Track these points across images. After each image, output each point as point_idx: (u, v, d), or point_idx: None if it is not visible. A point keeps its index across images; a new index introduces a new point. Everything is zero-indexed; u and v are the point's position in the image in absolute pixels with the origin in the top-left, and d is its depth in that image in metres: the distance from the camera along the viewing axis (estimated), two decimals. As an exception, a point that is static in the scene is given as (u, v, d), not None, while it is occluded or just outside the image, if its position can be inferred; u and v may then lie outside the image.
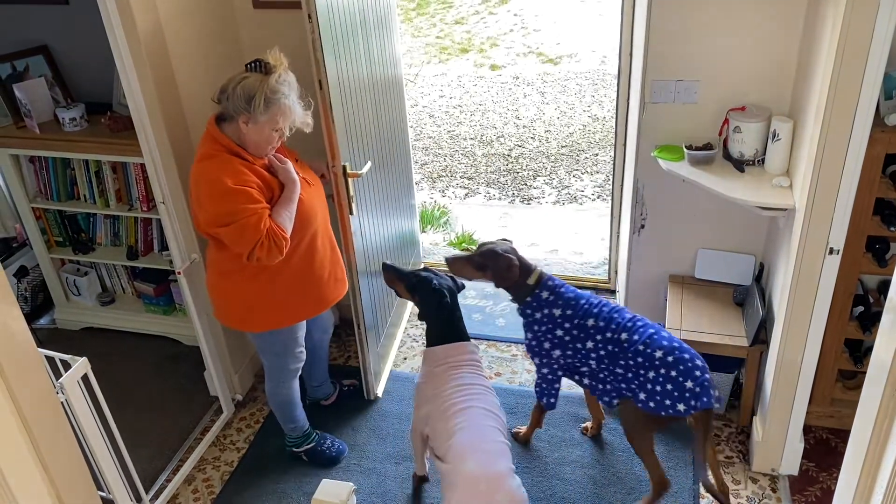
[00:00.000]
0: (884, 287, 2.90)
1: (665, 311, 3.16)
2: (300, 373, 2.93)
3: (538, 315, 2.69)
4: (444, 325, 2.63)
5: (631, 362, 2.54)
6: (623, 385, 2.58)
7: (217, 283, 2.68)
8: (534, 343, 2.73)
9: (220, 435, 3.28)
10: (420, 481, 2.93)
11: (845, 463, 1.72)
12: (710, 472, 2.59)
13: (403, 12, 9.55)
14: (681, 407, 2.45)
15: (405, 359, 3.64)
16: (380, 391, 3.39)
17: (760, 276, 3.14)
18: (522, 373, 3.50)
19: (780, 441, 2.82)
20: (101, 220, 3.73)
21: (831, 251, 2.41)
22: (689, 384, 2.45)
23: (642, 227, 3.25)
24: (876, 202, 2.57)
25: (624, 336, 2.56)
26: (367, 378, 3.29)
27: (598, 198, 5.28)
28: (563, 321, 2.65)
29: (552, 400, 2.84)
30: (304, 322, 2.82)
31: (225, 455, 3.18)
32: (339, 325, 3.79)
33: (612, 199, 3.73)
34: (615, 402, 2.65)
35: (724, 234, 3.16)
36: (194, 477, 3.09)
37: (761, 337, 2.91)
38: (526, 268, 2.72)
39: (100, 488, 2.62)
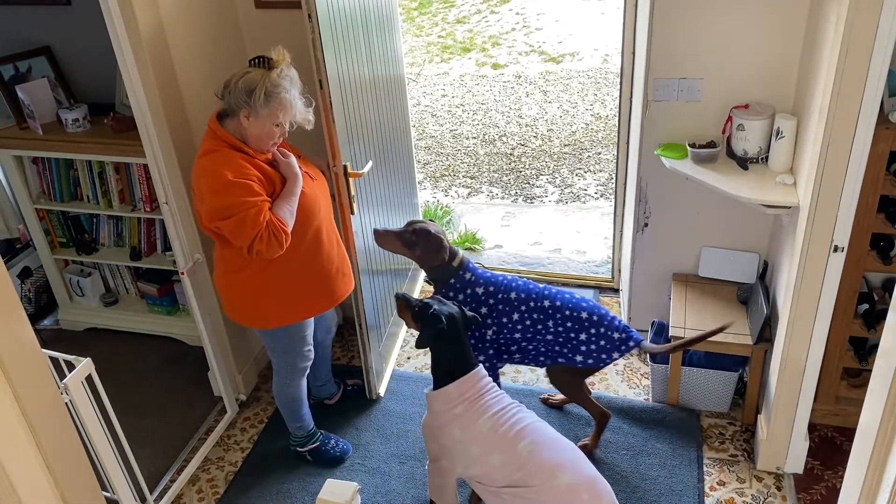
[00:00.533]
0: (889, 284, 2.89)
1: (669, 310, 3.16)
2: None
3: (461, 297, 2.75)
4: (449, 357, 2.45)
5: (560, 328, 2.69)
6: (556, 349, 2.73)
7: (225, 280, 2.69)
8: None
9: (224, 435, 3.28)
10: None
11: (851, 461, 1.71)
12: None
13: (405, 11, 9.55)
14: (615, 355, 2.70)
15: (408, 358, 3.64)
16: (382, 391, 3.39)
17: (764, 274, 3.13)
18: (526, 371, 3.49)
19: (784, 439, 2.81)
20: (104, 221, 3.73)
21: (836, 249, 2.40)
22: (615, 335, 2.69)
23: (646, 225, 3.25)
24: (880, 199, 2.57)
25: (547, 303, 2.71)
26: (368, 378, 3.29)
27: (601, 196, 5.27)
28: (486, 297, 2.74)
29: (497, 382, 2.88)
30: (312, 320, 2.82)
31: (229, 455, 3.18)
32: (343, 324, 3.79)
33: (616, 198, 3.72)
34: (547, 363, 2.79)
35: (728, 233, 3.16)
36: (198, 477, 3.09)
37: (765, 335, 2.90)
38: (452, 252, 2.78)
39: (104, 488, 2.62)
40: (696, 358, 3.12)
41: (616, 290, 3.98)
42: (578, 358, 2.70)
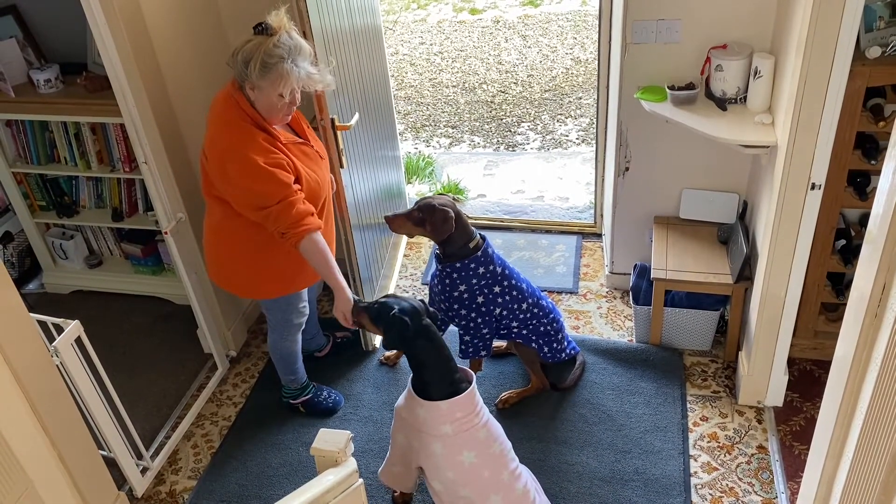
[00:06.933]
0: (865, 220, 2.93)
1: (651, 252, 3.20)
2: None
3: (482, 270, 2.80)
4: (431, 363, 2.29)
5: (549, 328, 3.00)
6: (533, 337, 2.98)
7: (221, 250, 2.67)
8: (466, 296, 2.81)
9: (216, 391, 3.32)
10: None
11: (827, 391, 1.77)
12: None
13: (379, -42, 9.33)
14: (563, 355, 3.07)
15: (396, 309, 3.67)
16: (377, 342, 3.43)
17: (744, 213, 3.17)
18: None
19: (765, 374, 2.89)
20: (83, 183, 3.70)
21: (813, 186, 2.44)
22: (565, 343, 3.10)
23: (627, 169, 3.26)
24: (857, 136, 2.59)
25: (543, 303, 2.99)
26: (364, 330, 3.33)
27: (582, 142, 5.27)
28: (501, 279, 2.86)
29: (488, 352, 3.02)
30: None
31: (222, 410, 3.23)
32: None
33: (597, 143, 3.73)
34: (519, 341, 3.00)
35: (708, 174, 3.18)
36: (193, 433, 3.14)
37: (746, 273, 2.95)
38: (469, 232, 2.78)
39: (100, 447, 2.67)
40: (678, 298, 3.17)
41: (598, 235, 4.01)
42: (546, 349, 3.02)
